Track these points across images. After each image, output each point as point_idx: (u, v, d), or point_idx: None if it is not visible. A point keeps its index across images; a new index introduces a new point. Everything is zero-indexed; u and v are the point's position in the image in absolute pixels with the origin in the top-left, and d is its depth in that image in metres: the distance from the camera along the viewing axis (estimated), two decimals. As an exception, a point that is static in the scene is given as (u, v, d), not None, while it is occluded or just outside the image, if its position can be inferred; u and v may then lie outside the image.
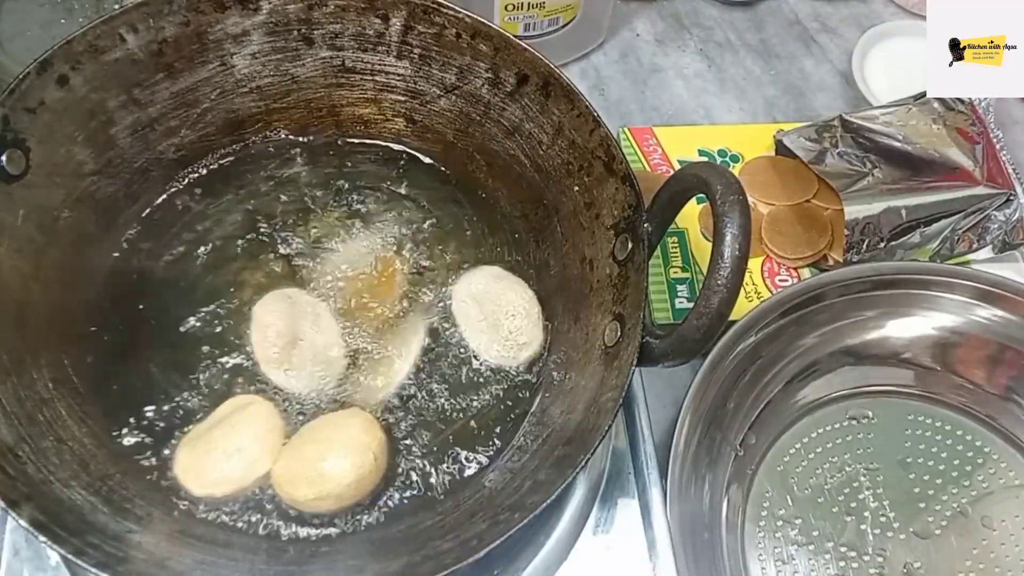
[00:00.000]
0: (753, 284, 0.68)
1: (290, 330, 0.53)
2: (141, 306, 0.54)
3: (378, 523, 0.49)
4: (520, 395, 0.54)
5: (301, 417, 0.52)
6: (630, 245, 0.51)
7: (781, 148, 0.72)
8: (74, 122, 0.52)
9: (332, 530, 0.49)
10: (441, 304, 0.56)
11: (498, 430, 0.53)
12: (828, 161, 0.68)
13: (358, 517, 0.49)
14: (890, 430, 0.63)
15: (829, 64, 0.84)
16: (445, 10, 0.55)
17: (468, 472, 0.51)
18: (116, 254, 0.56)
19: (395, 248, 0.58)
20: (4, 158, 0.48)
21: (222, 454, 0.49)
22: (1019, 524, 0.60)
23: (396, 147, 0.62)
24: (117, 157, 0.55)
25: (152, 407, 0.51)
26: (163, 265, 0.56)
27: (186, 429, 0.51)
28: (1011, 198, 0.67)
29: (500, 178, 0.60)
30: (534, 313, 0.56)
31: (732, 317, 0.45)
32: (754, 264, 0.68)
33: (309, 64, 0.59)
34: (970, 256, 0.69)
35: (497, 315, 0.56)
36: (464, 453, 0.52)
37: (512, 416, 0.53)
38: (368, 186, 0.61)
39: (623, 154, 0.52)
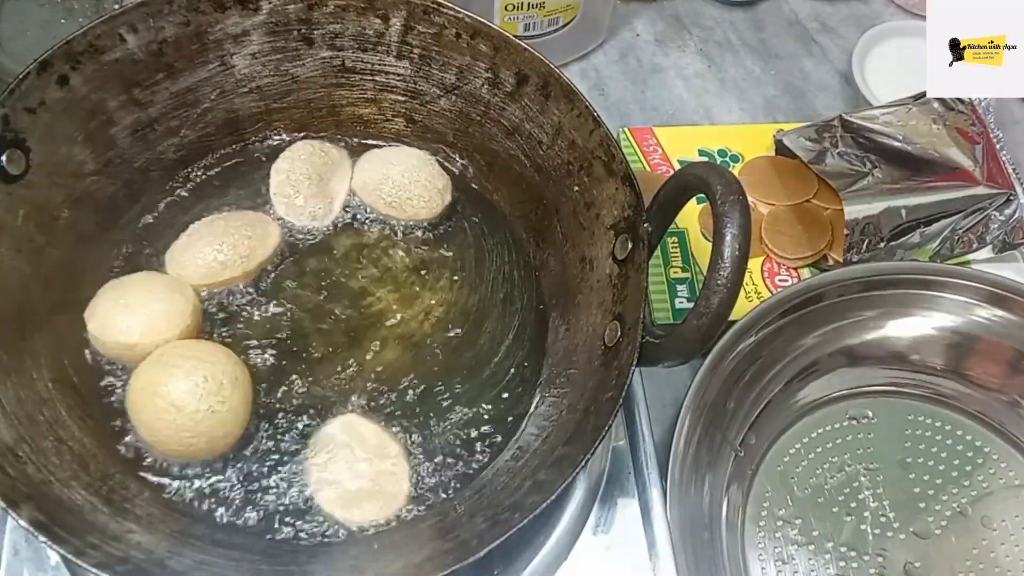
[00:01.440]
0: (753, 284, 0.68)
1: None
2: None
3: (378, 523, 0.49)
4: (518, 387, 0.54)
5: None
6: (630, 245, 0.51)
7: (781, 148, 0.72)
8: (74, 122, 0.52)
9: (333, 531, 0.49)
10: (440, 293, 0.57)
11: (498, 429, 0.53)
12: (828, 161, 0.68)
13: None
14: (890, 430, 0.63)
15: (829, 64, 0.84)
16: (445, 10, 0.55)
17: (468, 472, 0.51)
18: (116, 254, 0.56)
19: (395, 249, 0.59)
20: (4, 158, 0.48)
21: (126, 311, 0.51)
22: (1019, 524, 0.60)
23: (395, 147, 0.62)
24: (117, 157, 0.55)
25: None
26: (161, 266, 0.56)
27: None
28: (1011, 198, 0.67)
29: (500, 178, 0.60)
30: (434, 162, 0.60)
31: (732, 317, 0.45)
32: (754, 264, 0.68)
33: (309, 64, 0.59)
34: (970, 256, 0.69)
35: (404, 182, 0.58)
36: (464, 452, 0.52)
37: (512, 416, 0.53)
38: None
39: (623, 154, 0.52)
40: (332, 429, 0.51)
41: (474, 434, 0.52)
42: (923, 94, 0.71)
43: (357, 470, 0.50)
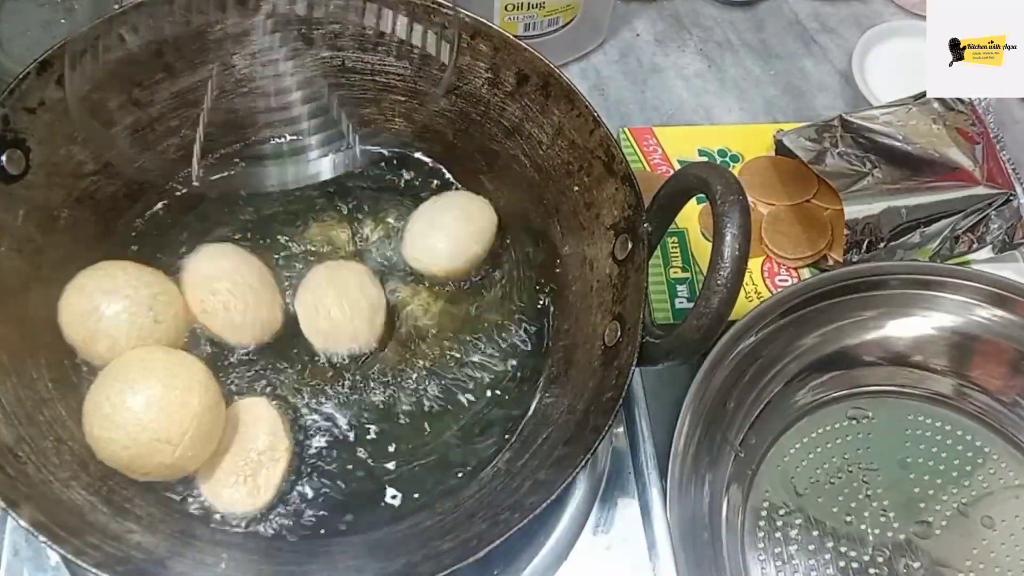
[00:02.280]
0: (753, 284, 0.68)
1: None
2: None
3: (378, 523, 0.49)
4: (518, 387, 0.54)
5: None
6: (630, 245, 0.51)
7: (781, 148, 0.72)
8: (74, 122, 0.52)
9: (332, 530, 0.49)
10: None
11: (498, 429, 0.53)
12: (828, 161, 0.68)
13: (359, 517, 0.49)
14: (890, 430, 0.63)
15: (829, 64, 0.84)
16: (445, 10, 0.55)
17: (467, 472, 0.51)
18: (116, 254, 0.55)
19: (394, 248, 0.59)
20: (4, 158, 0.48)
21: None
22: (1019, 524, 0.60)
23: (396, 147, 0.62)
24: (117, 157, 0.55)
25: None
26: (162, 266, 0.55)
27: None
28: (1011, 198, 0.67)
29: (500, 178, 0.60)
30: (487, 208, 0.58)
31: (732, 317, 0.45)
32: (754, 264, 0.68)
33: (309, 64, 0.59)
34: (970, 256, 0.69)
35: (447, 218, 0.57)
36: (463, 452, 0.52)
37: (512, 415, 0.53)
38: (368, 187, 0.61)
39: (623, 154, 0.52)
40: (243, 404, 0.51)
41: (473, 434, 0.52)
42: (923, 94, 0.71)
43: (237, 456, 0.49)
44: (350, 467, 0.51)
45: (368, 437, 0.52)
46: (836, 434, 0.63)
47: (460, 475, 0.51)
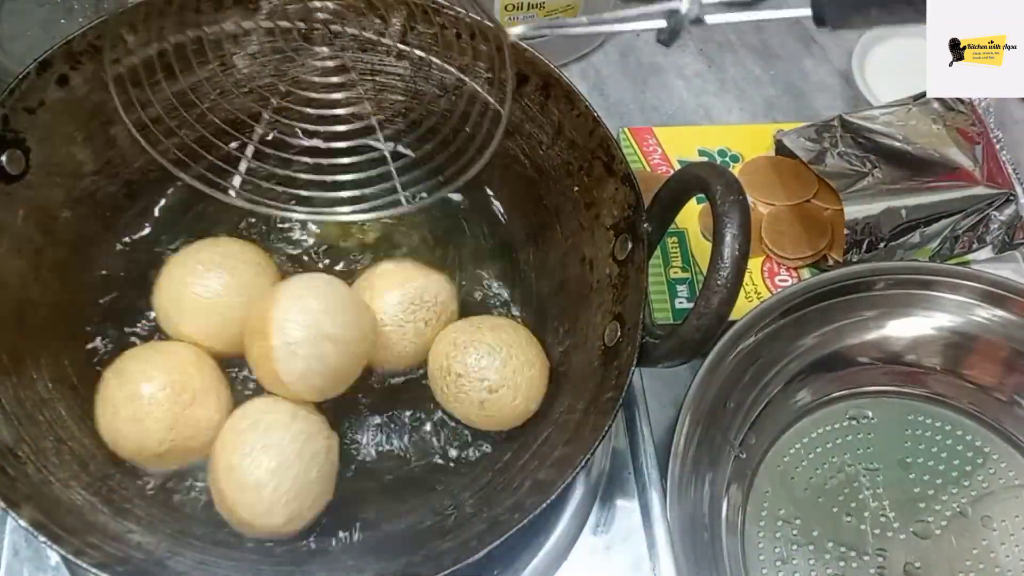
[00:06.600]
0: (753, 284, 0.68)
1: None
2: (141, 306, 0.54)
3: (378, 523, 0.49)
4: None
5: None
6: (630, 245, 0.51)
7: (781, 148, 0.72)
8: (74, 122, 0.52)
9: (332, 530, 0.49)
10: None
11: (498, 429, 0.53)
12: (828, 161, 0.68)
13: (359, 516, 0.49)
14: (890, 430, 0.63)
15: (829, 64, 0.84)
16: (445, 10, 0.55)
17: (468, 471, 0.51)
18: (116, 254, 0.56)
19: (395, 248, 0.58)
20: (4, 158, 0.48)
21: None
22: (1019, 524, 0.60)
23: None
24: (117, 157, 0.55)
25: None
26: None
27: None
28: (1011, 198, 0.67)
29: (500, 178, 0.60)
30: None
31: (732, 317, 0.45)
32: (754, 264, 0.68)
33: (309, 64, 0.59)
34: (970, 256, 0.69)
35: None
36: (463, 453, 0.52)
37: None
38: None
39: (623, 154, 0.52)
40: None
41: (475, 434, 0.52)
42: (923, 94, 0.71)
43: None
44: (350, 466, 0.51)
45: (367, 436, 0.52)
46: (836, 434, 0.63)
47: (460, 475, 0.51)
